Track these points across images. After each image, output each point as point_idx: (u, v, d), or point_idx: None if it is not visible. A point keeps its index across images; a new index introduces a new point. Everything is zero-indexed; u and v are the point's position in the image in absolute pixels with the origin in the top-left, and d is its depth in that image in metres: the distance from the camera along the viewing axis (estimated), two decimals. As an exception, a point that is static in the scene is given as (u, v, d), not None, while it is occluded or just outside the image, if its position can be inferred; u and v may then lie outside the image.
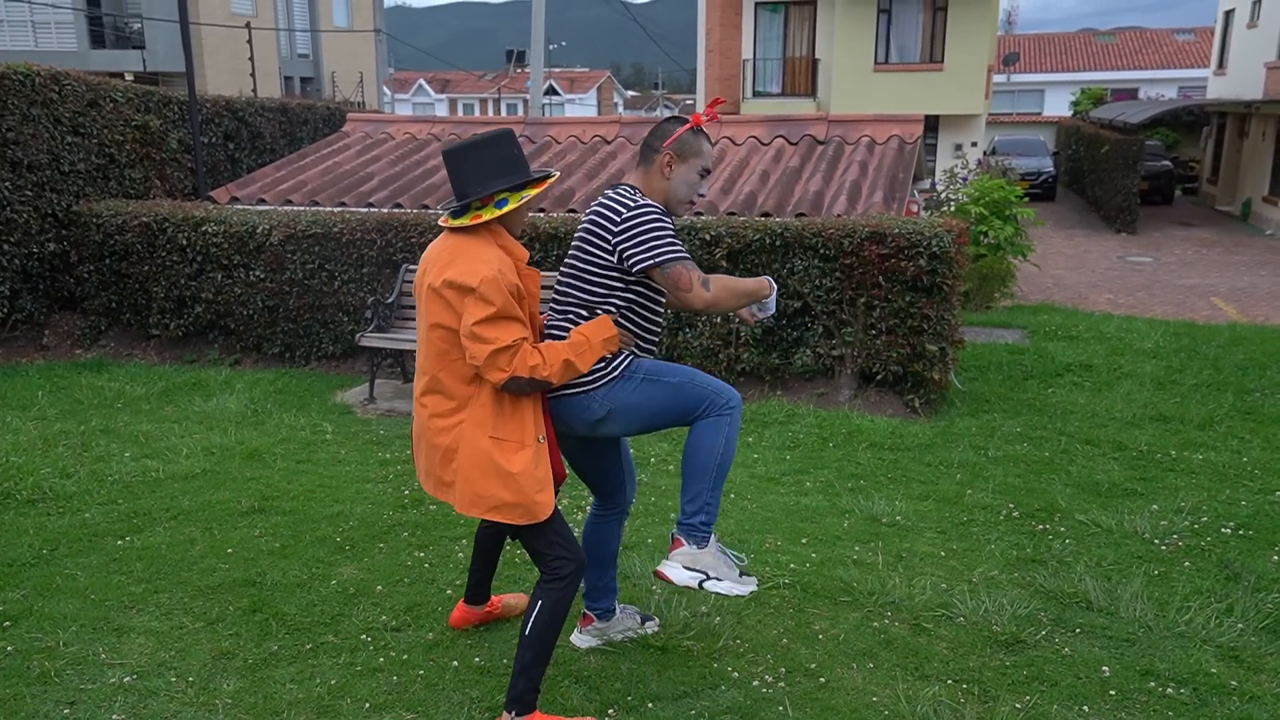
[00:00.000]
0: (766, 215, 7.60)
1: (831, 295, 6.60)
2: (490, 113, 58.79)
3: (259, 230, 7.54)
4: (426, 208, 8.40)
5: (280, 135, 11.54)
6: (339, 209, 8.29)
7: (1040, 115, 37.70)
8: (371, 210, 8.03)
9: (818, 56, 22.27)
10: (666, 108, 61.71)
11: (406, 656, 3.37)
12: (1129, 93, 38.57)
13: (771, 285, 3.02)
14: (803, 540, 4.37)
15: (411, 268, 7.07)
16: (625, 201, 2.87)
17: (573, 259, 2.96)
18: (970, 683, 3.23)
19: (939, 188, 12.23)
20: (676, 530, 2.94)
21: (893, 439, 5.84)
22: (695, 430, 2.90)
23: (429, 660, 3.35)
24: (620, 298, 2.91)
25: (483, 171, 2.75)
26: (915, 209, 9.49)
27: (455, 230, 2.79)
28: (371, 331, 6.82)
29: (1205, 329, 9.33)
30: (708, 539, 2.92)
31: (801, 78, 22.56)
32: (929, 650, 3.43)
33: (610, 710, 3.06)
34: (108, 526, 4.45)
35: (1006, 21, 49.87)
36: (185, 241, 7.72)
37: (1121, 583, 3.93)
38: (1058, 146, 30.99)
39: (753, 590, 2.97)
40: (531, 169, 2.87)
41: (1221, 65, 25.65)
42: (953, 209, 11.29)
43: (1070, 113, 35.17)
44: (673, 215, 3.00)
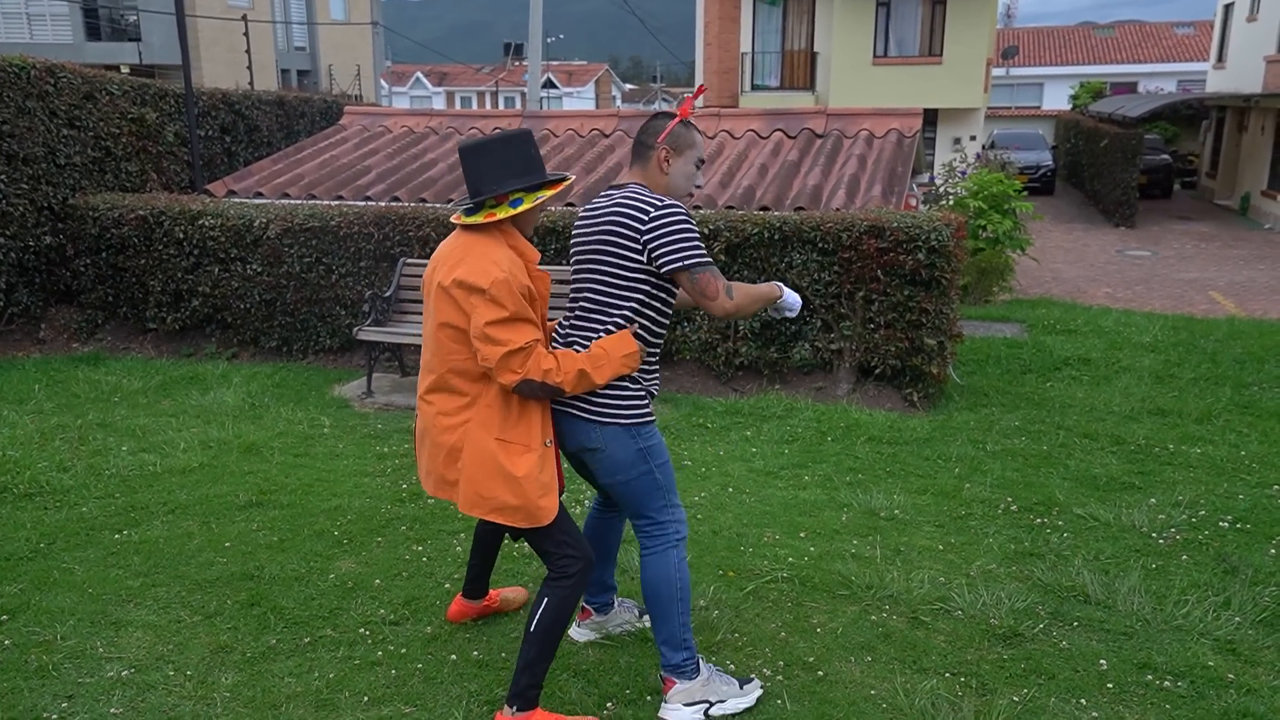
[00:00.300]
0: (765, 209, 7.60)
1: (830, 289, 6.59)
2: (488, 106, 58.69)
3: (256, 224, 7.52)
4: (424, 201, 8.39)
5: (277, 128, 11.50)
6: (336, 202, 8.27)
7: (1039, 109, 37.67)
8: (369, 204, 8.01)
9: (816, 50, 22.24)
10: (665, 101, 61.62)
11: (405, 650, 3.37)
12: (1128, 86, 38.56)
13: (781, 288, 3.03)
14: (801, 534, 4.38)
15: (409, 261, 7.06)
16: (651, 200, 2.82)
17: (592, 260, 2.90)
18: (968, 676, 3.24)
19: (938, 181, 12.21)
20: (664, 673, 2.99)
21: (891, 433, 5.84)
22: (649, 566, 2.95)
23: (427, 654, 3.35)
24: (637, 299, 2.85)
25: (499, 170, 2.73)
26: (914, 203, 9.48)
27: (468, 228, 2.76)
28: (369, 325, 6.81)
29: (1203, 323, 9.33)
30: (696, 669, 2.98)
31: (800, 71, 22.52)
32: (927, 643, 3.44)
33: (609, 704, 3.06)
34: (105, 520, 4.44)
35: (1005, 15, 49.77)
36: (182, 235, 7.70)
37: (1119, 576, 3.94)
38: (1056, 140, 30.95)
39: (758, 695, 3.06)
40: (547, 170, 2.85)
41: (1221, 59, 25.63)
42: (951, 203, 11.27)
43: (1069, 106, 35.15)
44: None
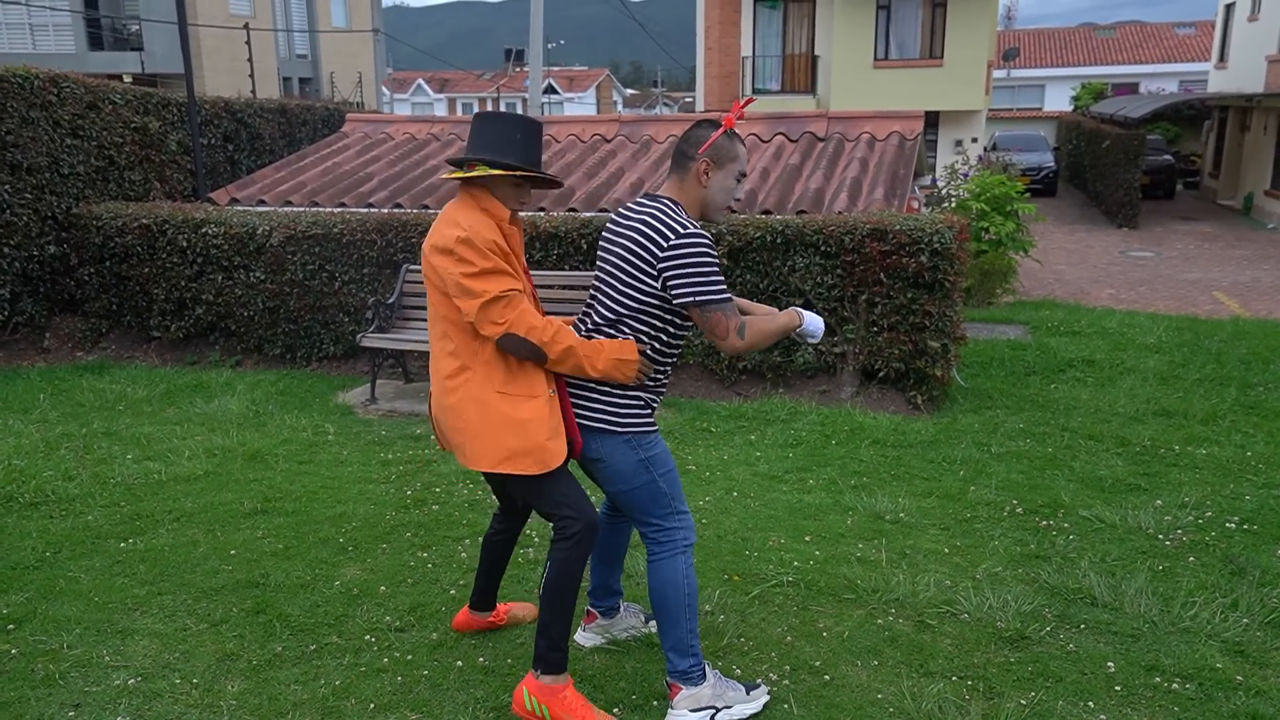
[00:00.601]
0: (767, 213, 7.60)
1: (833, 292, 6.59)
2: (490, 112, 58.67)
3: (259, 231, 7.54)
4: (427, 207, 8.40)
5: (279, 136, 11.53)
6: (339, 210, 8.29)
7: (1041, 110, 37.66)
8: (371, 211, 8.02)
9: (817, 53, 22.25)
10: (666, 106, 61.69)
11: (411, 657, 3.37)
12: (1130, 87, 38.54)
13: (800, 314, 2.95)
14: (806, 538, 4.37)
15: (412, 268, 7.07)
16: (674, 225, 2.75)
17: (610, 273, 2.87)
18: (975, 679, 3.23)
19: (940, 184, 12.22)
20: (670, 679, 2.98)
21: (895, 436, 5.83)
22: (656, 572, 2.93)
23: (433, 660, 3.34)
24: (648, 320, 2.83)
25: (499, 142, 2.82)
26: (916, 205, 9.48)
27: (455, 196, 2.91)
28: (372, 332, 6.82)
29: (1208, 324, 9.31)
30: (703, 675, 2.97)
31: (801, 74, 22.54)
32: (933, 647, 3.43)
33: (615, 709, 3.06)
34: (110, 529, 4.45)
35: (1006, 16, 49.79)
36: (185, 243, 7.72)
37: (1126, 578, 3.93)
38: (1058, 141, 30.94)
39: (765, 700, 3.04)
40: (545, 171, 2.93)
41: (1222, 59, 25.62)
42: (954, 205, 11.27)
43: (1071, 108, 35.11)
44: (710, 221, 2.97)
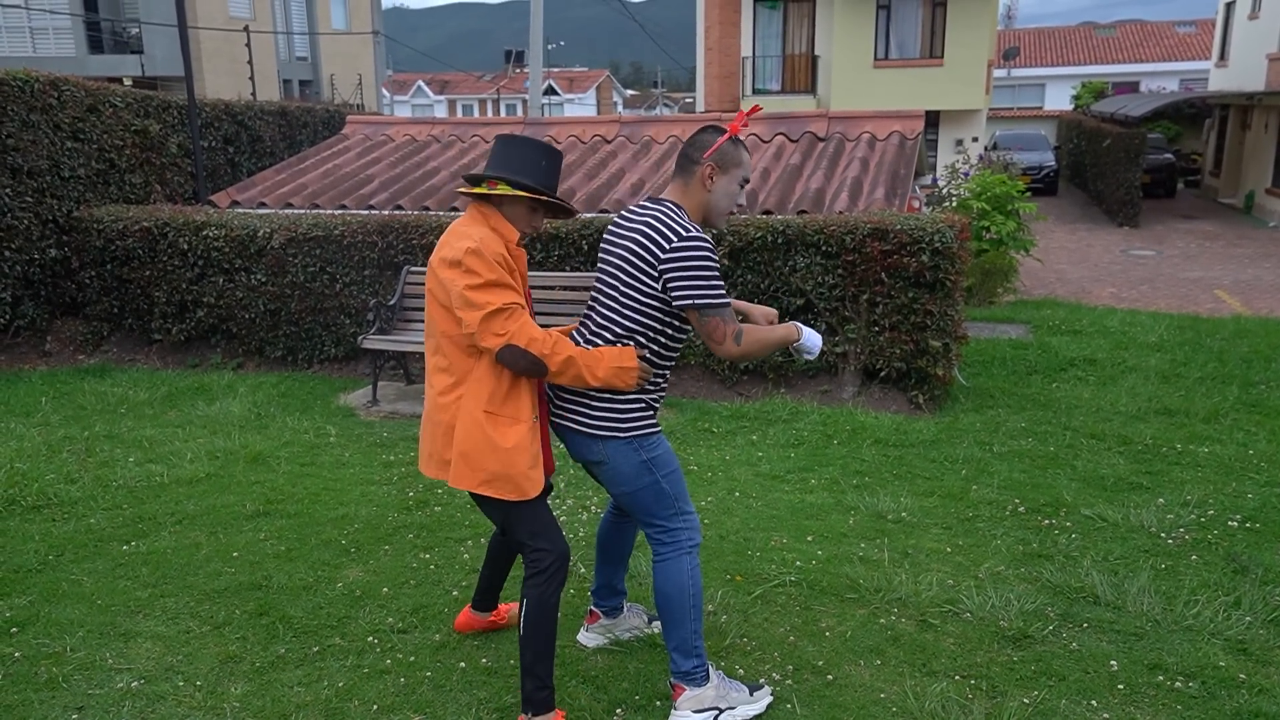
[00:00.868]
0: (768, 213, 7.60)
1: (834, 292, 6.59)
2: (490, 113, 58.82)
3: (260, 234, 7.54)
4: (427, 209, 8.40)
5: (280, 138, 11.54)
6: (340, 212, 8.30)
7: (1041, 109, 37.65)
8: (372, 212, 8.03)
9: (817, 53, 22.25)
10: (666, 106, 61.70)
11: (414, 658, 3.37)
12: (1130, 86, 38.52)
13: (800, 329, 2.97)
14: (808, 538, 4.37)
15: (413, 269, 7.07)
16: (676, 228, 2.77)
17: (612, 274, 2.88)
18: (978, 678, 3.23)
19: (940, 183, 12.22)
20: (673, 679, 2.98)
21: (897, 435, 5.83)
22: (661, 573, 2.93)
23: (436, 662, 3.35)
24: (648, 323, 2.84)
25: (520, 164, 2.87)
26: (917, 205, 9.48)
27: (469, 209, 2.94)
28: (374, 334, 6.82)
29: (1209, 322, 9.30)
30: (706, 676, 2.97)
31: (801, 74, 22.54)
32: (936, 646, 3.43)
33: (618, 710, 3.06)
34: (113, 532, 4.45)
35: (1006, 16, 49.76)
36: (186, 246, 7.72)
37: (1128, 577, 3.92)
38: (1059, 141, 30.93)
39: (768, 701, 3.04)
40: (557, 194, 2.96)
41: (1223, 57, 25.60)
42: (954, 204, 11.27)
43: (1071, 107, 35.11)
44: (713, 226, 2.98)
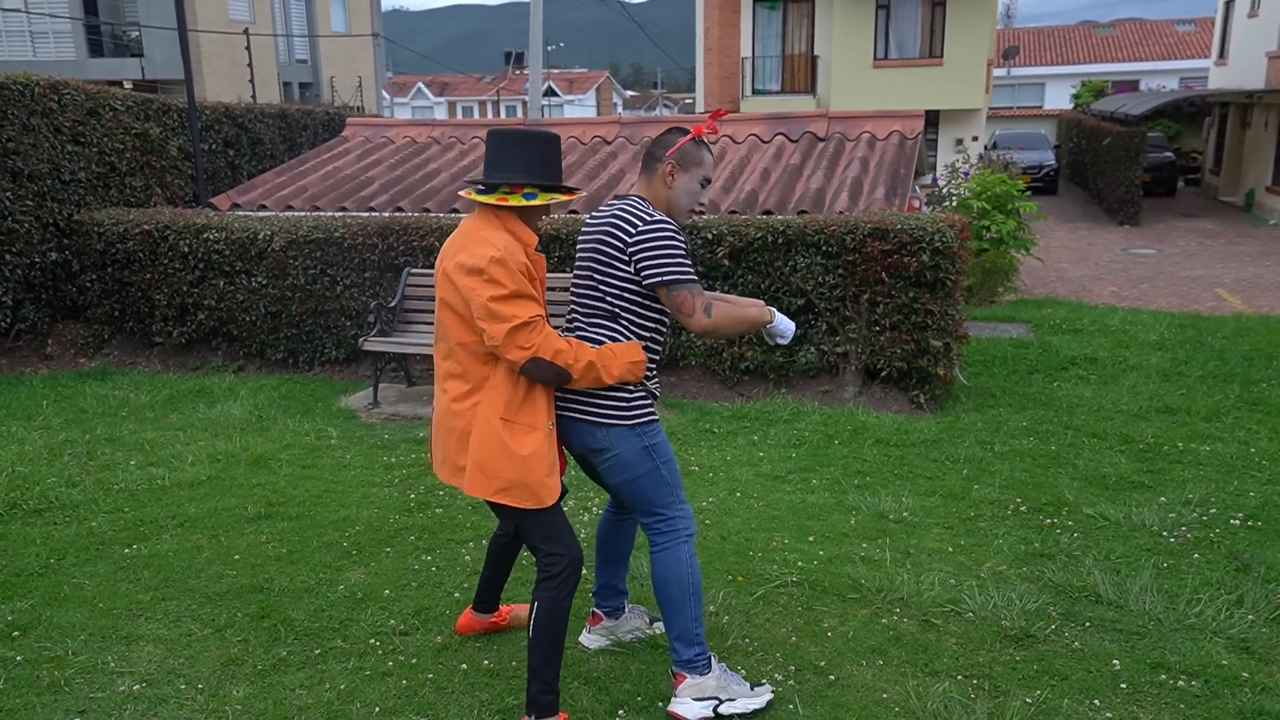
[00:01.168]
0: (768, 213, 7.60)
1: (835, 292, 6.59)
2: (490, 115, 58.81)
3: (260, 236, 7.54)
4: (428, 211, 8.40)
5: (280, 141, 11.54)
6: (340, 214, 8.30)
7: (1041, 109, 37.64)
8: (373, 214, 8.03)
9: (817, 53, 22.25)
10: (666, 107, 61.73)
11: (415, 660, 3.37)
12: (1130, 85, 38.50)
13: (773, 313, 3.06)
14: (810, 538, 4.37)
15: (414, 271, 7.07)
16: (641, 214, 2.89)
17: (587, 269, 2.97)
18: (980, 678, 3.22)
19: (940, 183, 12.21)
20: (675, 667, 3.00)
21: (898, 435, 5.83)
22: (661, 562, 2.97)
23: (438, 664, 3.35)
24: (629, 308, 2.92)
25: (524, 162, 2.82)
26: (917, 205, 9.48)
27: (476, 214, 2.86)
28: (375, 336, 6.82)
29: (1210, 320, 9.30)
30: (708, 665, 2.99)
31: (801, 75, 22.54)
32: (938, 646, 3.42)
33: (620, 711, 3.06)
34: (114, 535, 4.45)
35: (1005, 15, 49.73)
36: (187, 249, 7.72)
37: (1130, 576, 3.92)
38: (1059, 140, 30.91)
39: (769, 698, 3.05)
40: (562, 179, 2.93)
41: (1222, 55, 25.59)
42: (955, 204, 11.27)
43: (1071, 106, 35.09)
44: (675, 221, 3.04)
